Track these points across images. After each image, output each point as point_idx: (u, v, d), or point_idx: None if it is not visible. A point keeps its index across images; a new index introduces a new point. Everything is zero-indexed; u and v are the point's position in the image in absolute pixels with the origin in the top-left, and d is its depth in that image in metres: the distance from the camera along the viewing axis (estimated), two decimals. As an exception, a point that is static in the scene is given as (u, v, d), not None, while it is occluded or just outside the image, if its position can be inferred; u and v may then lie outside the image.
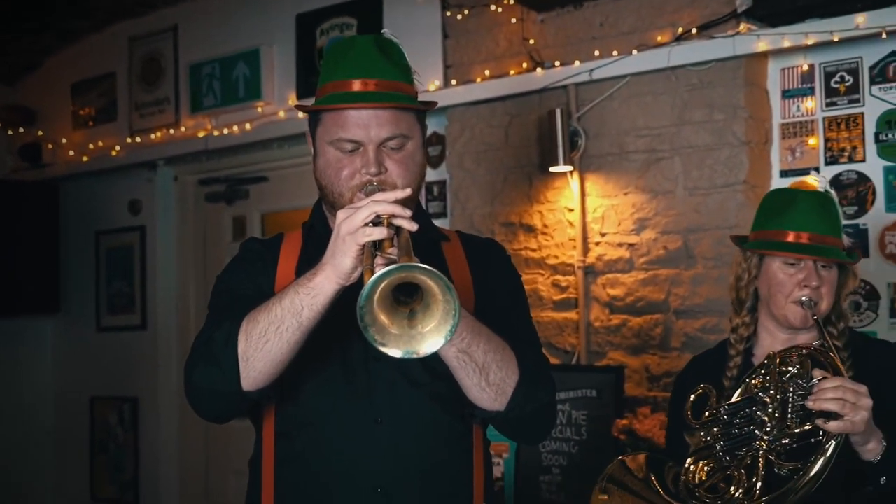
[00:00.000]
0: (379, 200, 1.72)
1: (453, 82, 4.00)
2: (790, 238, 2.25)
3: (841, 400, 1.97)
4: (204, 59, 4.78)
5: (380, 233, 1.68)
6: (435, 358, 1.78)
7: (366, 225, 1.69)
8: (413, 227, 1.70)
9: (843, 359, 2.18)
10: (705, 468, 2.15)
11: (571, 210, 3.71)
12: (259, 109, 4.58)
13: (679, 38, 3.47)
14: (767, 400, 2.09)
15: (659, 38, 3.53)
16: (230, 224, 5.07)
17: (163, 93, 5.01)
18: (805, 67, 3.38)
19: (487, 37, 3.97)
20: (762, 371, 2.15)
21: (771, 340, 2.33)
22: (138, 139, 5.08)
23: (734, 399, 2.17)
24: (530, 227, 3.83)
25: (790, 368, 2.10)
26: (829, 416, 1.98)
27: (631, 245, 3.59)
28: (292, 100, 4.49)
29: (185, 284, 5.19)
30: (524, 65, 3.82)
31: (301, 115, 4.41)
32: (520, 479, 3.57)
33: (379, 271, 1.56)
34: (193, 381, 1.86)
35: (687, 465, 2.16)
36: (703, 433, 2.17)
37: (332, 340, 1.89)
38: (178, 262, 5.20)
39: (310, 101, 2.03)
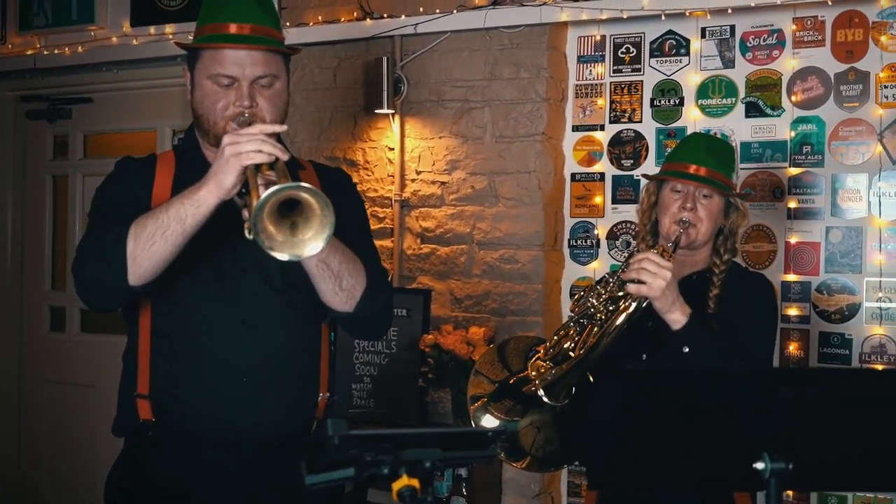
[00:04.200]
0: (264, 140, 1.97)
1: (287, 24, 4.22)
2: (677, 169, 2.55)
3: (641, 269, 2.33)
4: (34, -21, 4.77)
5: (262, 157, 1.96)
6: (293, 268, 2.11)
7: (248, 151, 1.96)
8: (286, 156, 2.00)
9: (716, 281, 2.52)
10: (562, 336, 2.51)
11: (391, 149, 4.08)
12: (92, 33, 4.64)
13: (495, 3, 3.87)
14: (609, 278, 2.49)
15: (477, 1, 3.92)
16: (51, 142, 5.10)
17: (-13, 9, 4.94)
18: (598, 38, 3.87)
19: (321, -17, 4.23)
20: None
21: None
22: (-40, 53, 5.01)
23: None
24: (353, 162, 4.18)
25: None
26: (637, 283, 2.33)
27: (443, 183, 4.02)
28: (126, 26, 4.59)
29: (3, 199, 5.18)
30: (354, 14, 4.11)
31: (136, 42, 4.56)
32: (334, 388, 3.98)
33: (273, 188, 1.83)
34: (85, 276, 2.10)
35: (552, 337, 2.55)
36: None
37: (206, 251, 2.16)
38: (-6, 176, 5.18)
39: (182, 39, 2.28)
